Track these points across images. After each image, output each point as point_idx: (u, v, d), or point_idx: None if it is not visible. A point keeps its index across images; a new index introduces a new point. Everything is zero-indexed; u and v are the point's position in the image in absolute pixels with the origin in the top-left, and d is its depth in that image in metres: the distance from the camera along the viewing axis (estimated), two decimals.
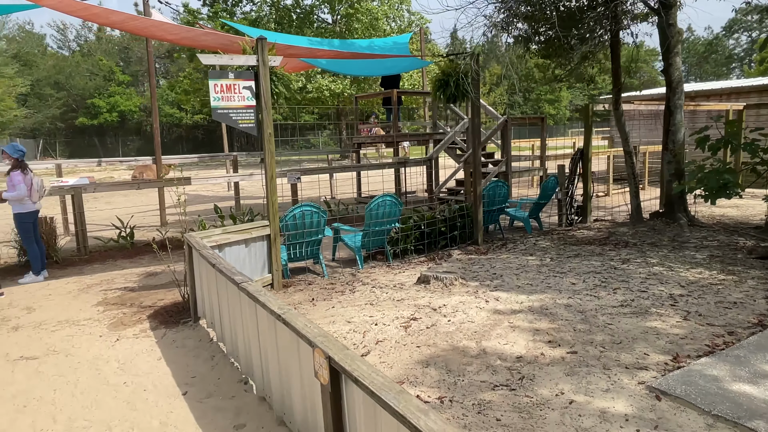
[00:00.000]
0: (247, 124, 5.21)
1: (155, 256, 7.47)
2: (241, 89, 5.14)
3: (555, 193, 8.43)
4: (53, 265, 7.01)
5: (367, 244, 6.46)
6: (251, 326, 3.17)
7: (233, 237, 5.06)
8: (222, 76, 5.06)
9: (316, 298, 5.18)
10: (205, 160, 11.97)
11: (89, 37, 60.00)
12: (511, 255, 6.65)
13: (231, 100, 5.10)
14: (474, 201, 7.26)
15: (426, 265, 6.36)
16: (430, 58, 12.60)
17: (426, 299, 4.86)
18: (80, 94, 49.38)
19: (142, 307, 5.26)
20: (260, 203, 13.01)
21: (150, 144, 50.85)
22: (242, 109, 5.17)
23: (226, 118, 5.11)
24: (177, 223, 10.37)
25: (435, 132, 12.12)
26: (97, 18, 5.49)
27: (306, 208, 5.80)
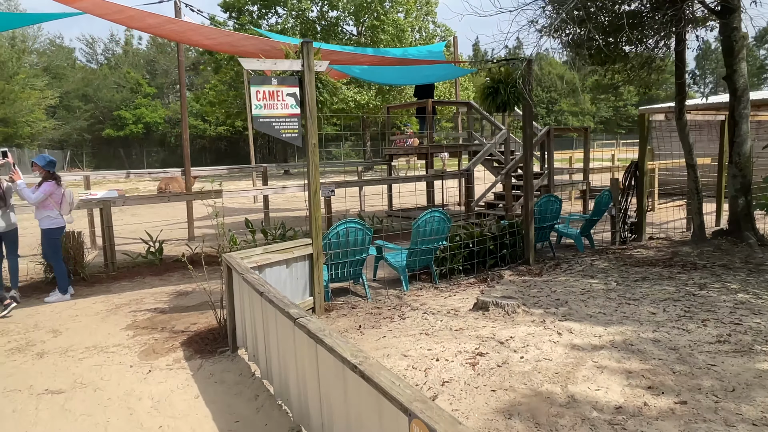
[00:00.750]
0: (291, 134, 4.80)
1: (185, 273, 7.10)
2: (285, 96, 4.74)
3: (608, 209, 7.86)
4: (80, 282, 6.67)
5: (412, 264, 5.98)
6: (309, 370, 2.70)
7: (274, 257, 4.62)
8: (264, 82, 4.66)
9: (363, 325, 4.70)
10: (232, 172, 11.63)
11: (116, 50, 61.16)
12: (569, 277, 6.10)
13: (274, 108, 4.70)
14: (525, 217, 6.74)
15: (477, 287, 5.85)
16: (467, 66, 12.15)
17: (488, 329, 4.35)
18: (107, 106, 50.13)
19: (174, 333, 4.84)
20: (289, 216, 12.65)
21: (173, 155, 51.31)
22: (285, 117, 4.76)
23: (268, 127, 4.71)
24: (205, 237, 10.04)
25: (470, 143, 11.64)
26: (133, 21, 5.16)
27: (350, 224, 5.35)
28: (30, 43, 44.80)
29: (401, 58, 7.23)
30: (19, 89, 35.79)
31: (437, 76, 11.23)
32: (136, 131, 48.88)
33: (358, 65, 7.62)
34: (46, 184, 5.85)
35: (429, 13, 30.40)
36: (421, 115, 11.97)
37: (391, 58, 7.42)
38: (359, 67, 10.45)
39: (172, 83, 61.09)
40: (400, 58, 7.18)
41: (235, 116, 33.26)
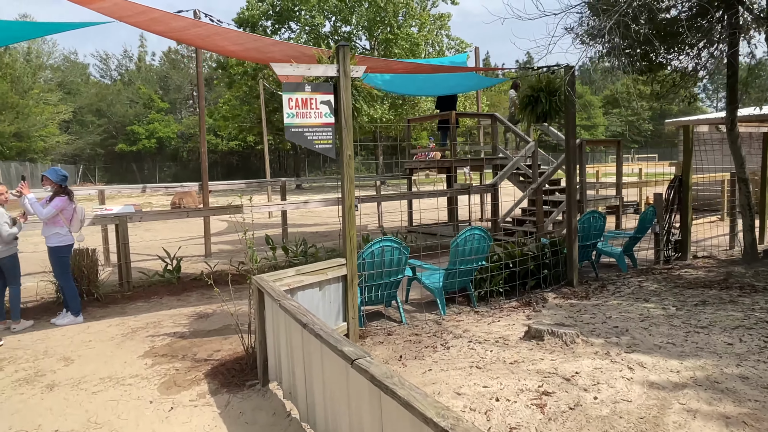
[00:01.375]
0: (324, 144, 4.41)
1: (204, 293, 6.70)
2: (319, 104, 4.36)
3: (652, 226, 7.38)
4: (94, 302, 6.28)
5: (449, 285, 5.54)
6: (371, 424, 2.26)
7: (307, 279, 4.20)
8: (297, 89, 4.29)
9: (404, 355, 4.26)
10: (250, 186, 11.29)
11: (130, 66, 61.77)
12: (620, 300, 5.63)
13: (307, 116, 4.32)
14: (568, 235, 6.29)
15: (521, 312, 5.38)
16: (495, 75, 11.79)
17: (548, 363, 3.89)
18: (120, 121, 50.44)
19: (196, 361, 4.42)
20: (306, 231, 12.26)
21: (186, 170, 51.39)
22: (319, 127, 4.37)
23: (300, 137, 4.32)
24: (222, 254, 9.66)
25: (495, 157, 11.22)
26: (156, 24, 4.84)
27: (386, 243, 4.93)
28: (45, 59, 45.22)
29: (436, 65, 6.87)
30: (33, 104, 35.98)
31: (463, 87, 10.88)
32: (148, 146, 49.07)
33: (387, 73, 7.29)
34: (58, 198, 5.50)
35: (443, 27, 30.22)
36: (444, 126, 11.58)
37: (426, 66, 7.06)
38: (382, 78, 10.11)
39: (185, 99, 61.51)
40: (435, 65, 6.82)
41: (248, 131, 33.16)
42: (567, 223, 6.29)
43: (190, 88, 60.86)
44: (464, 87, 10.94)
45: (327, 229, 12.96)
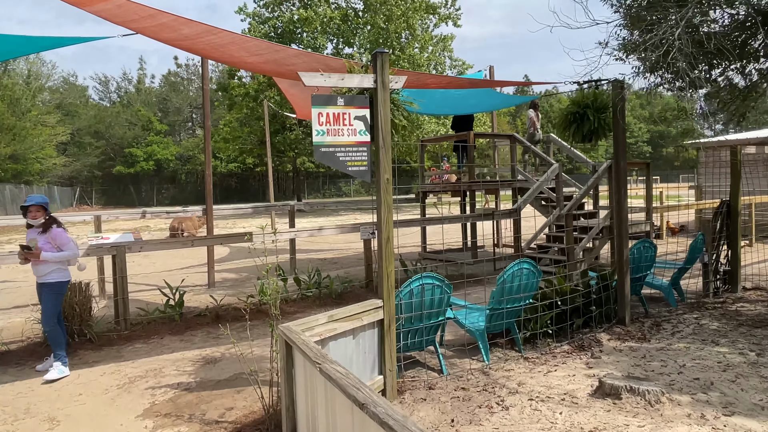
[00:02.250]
0: (358, 166, 3.79)
1: (210, 331, 6.00)
2: (352, 120, 3.75)
3: (701, 255, 6.75)
4: (86, 344, 5.57)
5: (492, 327, 4.86)
6: None
7: (340, 326, 3.53)
8: (328, 102, 3.68)
9: (455, 418, 3.56)
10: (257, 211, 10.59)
11: (129, 88, 61.62)
12: (687, 343, 4.95)
13: (339, 134, 3.70)
14: (619, 267, 5.64)
15: (577, 358, 4.70)
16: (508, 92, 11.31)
17: (634, 430, 3.20)
18: (118, 143, 50.02)
19: (206, 423, 3.71)
20: (314, 258, 11.58)
21: (184, 192, 50.78)
22: (352, 146, 3.76)
23: (331, 158, 3.70)
24: (226, 283, 8.97)
25: (514, 179, 10.64)
26: (164, 31, 4.25)
27: (427, 280, 4.27)
28: (44, 81, 44.94)
29: (473, 80, 6.32)
30: (31, 126, 35.50)
31: (484, 106, 10.33)
32: (147, 168, 48.55)
33: (408, 88, 6.71)
34: (59, 231, 4.84)
35: (445, 48, 30.02)
36: (461, 143, 11.01)
37: (463, 80, 6.49)
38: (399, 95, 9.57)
39: (184, 121, 61.28)
40: (471, 79, 6.27)
41: (248, 153, 32.68)
42: (617, 254, 5.64)
43: (189, 111, 60.68)
44: (485, 106, 10.40)
45: (336, 255, 12.29)
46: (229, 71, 30.60)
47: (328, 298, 7.26)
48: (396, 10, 26.24)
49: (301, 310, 6.80)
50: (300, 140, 27.79)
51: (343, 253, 12.49)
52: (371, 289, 7.66)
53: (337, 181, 58.98)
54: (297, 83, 10.67)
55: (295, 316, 6.45)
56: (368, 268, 7.72)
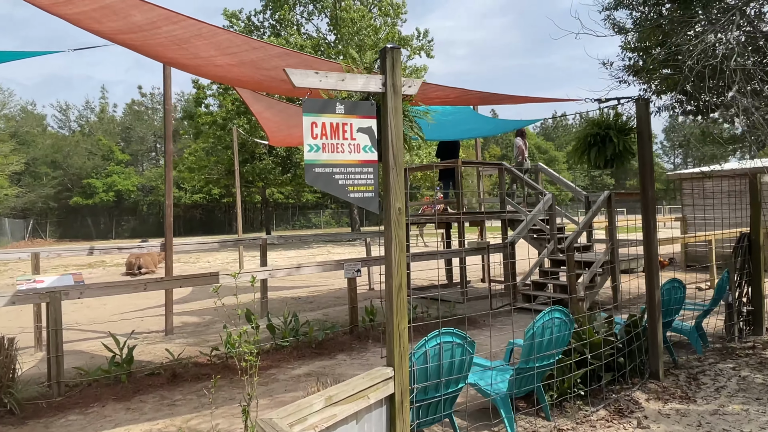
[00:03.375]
0: (362, 192, 2.92)
1: (164, 396, 4.92)
2: (355, 132, 2.90)
3: (725, 295, 6.08)
4: (5, 417, 4.42)
5: (517, 389, 3.98)
6: None
7: (341, 411, 2.60)
8: (325, 108, 2.83)
9: None
10: (225, 245, 9.36)
11: (91, 117, 59.67)
12: (743, 405, 4.17)
13: (338, 150, 2.84)
14: (650, 311, 4.87)
15: (620, 427, 3.85)
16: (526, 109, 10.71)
17: None
18: (77, 174, 47.90)
19: None
20: (286, 296, 10.50)
21: (145, 224, 48.74)
22: (355, 166, 2.90)
23: (327, 182, 2.83)
24: (187, 328, 7.86)
25: (505, 211, 9.95)
26: (110, 17, 3.33)
27: (446, 338, 3.38)
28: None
29: (485, 93, 5.57)
30: None
31: (477, 132, 9.64)
32: (106, 199, 46.51)
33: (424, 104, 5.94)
34: None
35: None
36: (446, 179, 10.29)
37: (495, 96, 5.69)
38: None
39: (147, 150, 59.55)
40: (483, 92, 5.53)
41: (215, 183, 31.41)
42: (648, 296, 4.88)
43: (153, 140, 59.05)
44: (478, 132, 9.73)
45: (312, 292, 11.26)
46: (196, 99, 29.59)
47: (307, 348, 6.26)
48: (368, 40, 25.92)
49: (276, 363, 5.78)
50: (270, 170, 26.77)
51: (319, 291, 11.48)
52: (357, 336, 6.70)
53: (306, 212, 57.86)
54: (273, 104, 9.82)
55: (269, 372, 5.43)
56: (353, 312, 6.77)
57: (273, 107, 9.61)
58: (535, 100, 5.86)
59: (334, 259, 19.93)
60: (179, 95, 56.97)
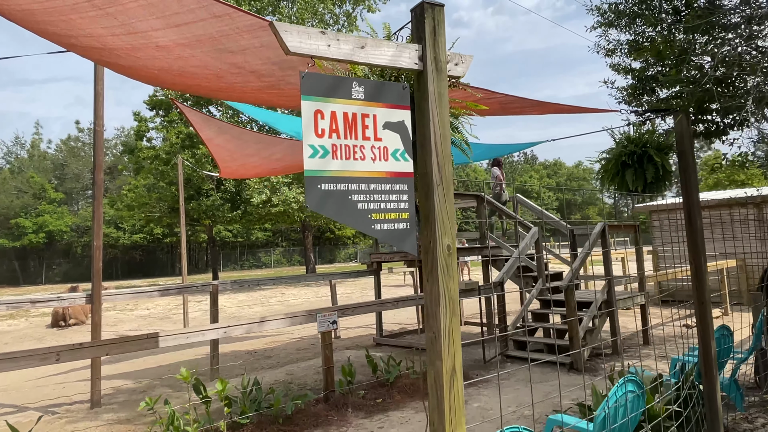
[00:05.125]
0: (393, 223, 1.87)
1: None
2: (380, 129, 1.86)
3: (760, 341, 5.32)
4: None
5: None
6: None
7: None
8: (336, 90, 1.79)
9: None
10: (168, 293, 7.86)
11: (21, 153, 55.82)
12: None
13: (355, 155, 1.79)
14: (706, 366, 3.98)
15: None
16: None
17: None
18: (3, 214, 44.15)
19: None
20: (241, 351, 9.05)
21: (79, 267, 45.17)
22: (382, 181, 1.85)
23: (339, 205, 1.76)
24: (118, 396, 6.38)
25: (485, 246, 9.07)
26: None
27: (630, 387, 2.30)
28: None
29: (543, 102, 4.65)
30: None
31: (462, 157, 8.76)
32: (36, 241, 42.89)
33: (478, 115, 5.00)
34: None
35: None
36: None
37: (535, 103, 4.77)
38: None
39: (83, 188, 56.12)
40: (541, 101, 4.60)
41: (156, 222, 29.34)
42: (702, 347, 3.99)
43: (90, 177, 55.71)
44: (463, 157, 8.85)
45: (267, 344, 9.90)
46: (137, 132, 27.81)
47: (273, 425, 4.97)
48: None
49: None
50: (218, 206, 25.17)
51: (277, 341, 10.13)
52: (333, 405, 5.48)
53: (255, 251, 55.60)
54: (225, 129, 8.64)
55: None
56: (328, 374, 5.56)
57: (225, 132, 8.46)
58: (572, 110, 5.02)
59: (289, 301, 18.46)
60: (119, 130, 54.40)
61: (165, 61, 3.13)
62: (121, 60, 3.18)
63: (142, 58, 3.05)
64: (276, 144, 9.04)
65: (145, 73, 3.41)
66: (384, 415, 5.35)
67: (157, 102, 27.08)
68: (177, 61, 3.09)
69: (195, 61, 3.10)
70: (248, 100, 4.04)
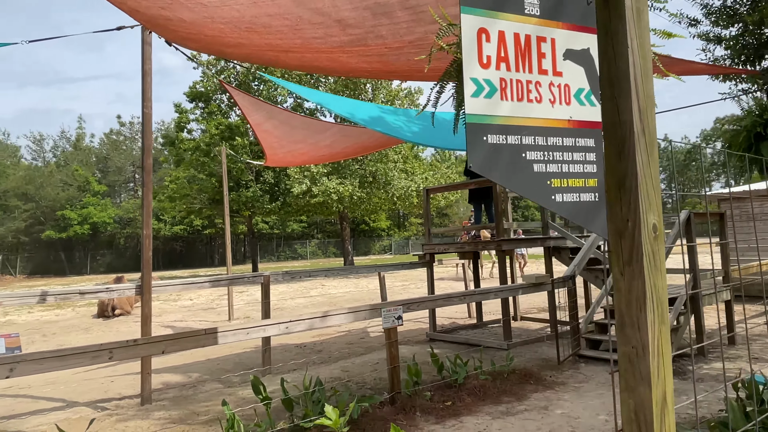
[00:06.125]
0: (577, 193, 1.32)
1: None
2: (560, 60, 1.32)
3: None
4: None
5: None
6: None
7: None
8: (505, 2, 1.25)
9: None
10: (219, 284, 7.62)
11: (66, 147, 57.46)
12: None
13: (529, 96, 1.25)
14: None
15: None
16: None
17: None
18: (50, 206, 45.45)
19: None
20: (290, 344, 8.65)
21: (122, 258, 46.24)
22: (562, 133, 1.30)
23: (511, 166, 1.23)
24: (168, 390, 6.07)
25: (547, 236, 8.42)
26: None
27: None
28: None
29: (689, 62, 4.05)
30: None
31: None
32: (81, 232, 44.04)
33: None
34: None
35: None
36: (479, 200, 8.77)
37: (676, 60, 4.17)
38: (412, 131, 7.35)
39: (125, 181, 57.41)
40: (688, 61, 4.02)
41: (196, 213, 29.54)
42: None
43: (131, 170, 57.00)
44: None
45: (314, 337, 9.50)
46: (178, 124, 27.96)
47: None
48: None
49: None
50: (257, 198, 25.09)
51: (324, 334, 9.73)
52: (401, 408, 5.00)
53: (291, 242, 55.84)
54: (274, 114, 8.24)
55: None
56: (393, 373, 5.08)
57: (274, 117, 8.05)
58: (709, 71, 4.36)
59: (330, 293, 18.12)
60: (159, 123, 55.23)
61: (236, 8, 2.64)
62: (179, 12, 2.70)
63: (210, 5, 2.58)
64: (325, 129, 8.60)
65: (208, 32, 2.92)
66: (457, 420, 4.84)
67: (197, 94, 27.15)
68: (251, 7, 2.60)
69: (273, 7, 2.61)
70: (321, 64, 3.51)
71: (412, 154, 27.60)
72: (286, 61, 3.51)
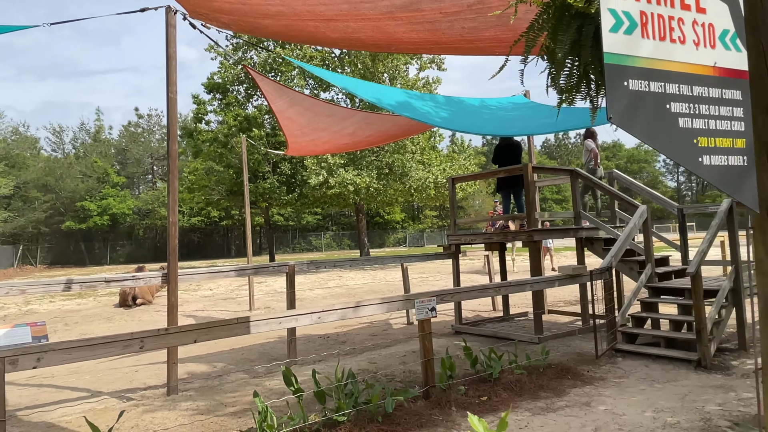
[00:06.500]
0: (725, 155, 1.10)
1: None
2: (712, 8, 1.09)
3: None
4: None
5: None
6: None
7: None
8: None
9: None
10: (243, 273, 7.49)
11: (86, 139, 57.99)
12: None
13: (669, 35, 1.03)
14: None
15: None
16: None
17: None
18: (69, 197, 45.91)
19: None
20: (314, 335, 8.49)
21: (141, 249, 46.68)
22: (708, 82, 1.08)
23: (652, 118, 1.00)
24: (194, 381, 5.95)
25: (580, 227, 8.15)
26: None
27: None
28: None
29: None
30: None
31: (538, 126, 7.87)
32: (100, 223, 44.48)
33: None
34: None
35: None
36: (508, 189, 8.51)
37: None
38: (441, 116, 7.11)
39: (144, 173, 57.83)
40: None
41: (214, 204, 29.61)
42: None
43: (149, 162, 57.39)
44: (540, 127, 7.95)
45: (337, 328, 9.35)
46: (196, 115, 27.96)
47: (372, 424, 4.34)
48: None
49: None
50: (274, 189, 25.01)
51: (347, 325, 9.58)
52: (436, 402, 4.81)
53: (307, 234, 55.88)
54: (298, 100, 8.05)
55: None
56: (427, 366, 4.88)
57: (298, 104, 7.86)
58: None
59: (348, 284, 17.98)
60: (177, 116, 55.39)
61: None
62: None
63: None
64: (349, 117, 8.39)
65: None
66: (495, 416, 4.63)
67: (215, 85, 27.10)
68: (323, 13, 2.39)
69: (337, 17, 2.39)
70: (364, 35, 3.22)
71: (429, 145, 27.27)
72: (325, 34, 3.28)
